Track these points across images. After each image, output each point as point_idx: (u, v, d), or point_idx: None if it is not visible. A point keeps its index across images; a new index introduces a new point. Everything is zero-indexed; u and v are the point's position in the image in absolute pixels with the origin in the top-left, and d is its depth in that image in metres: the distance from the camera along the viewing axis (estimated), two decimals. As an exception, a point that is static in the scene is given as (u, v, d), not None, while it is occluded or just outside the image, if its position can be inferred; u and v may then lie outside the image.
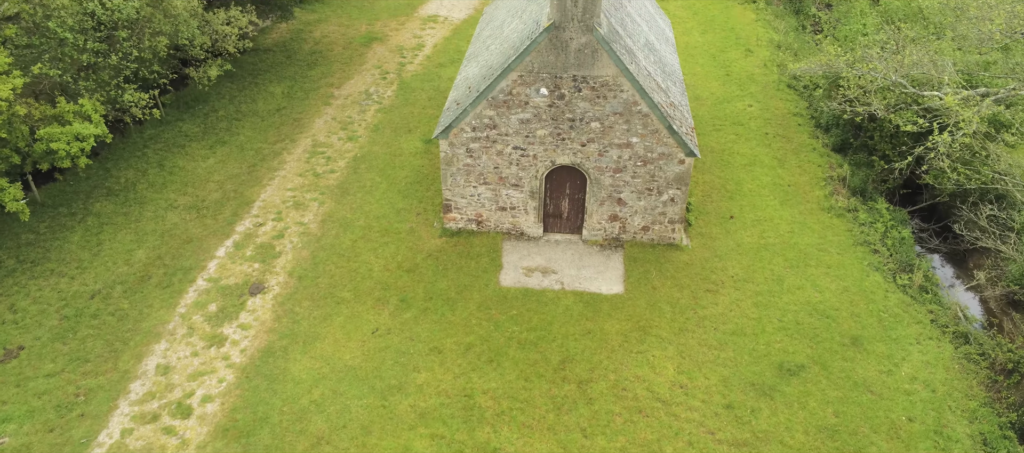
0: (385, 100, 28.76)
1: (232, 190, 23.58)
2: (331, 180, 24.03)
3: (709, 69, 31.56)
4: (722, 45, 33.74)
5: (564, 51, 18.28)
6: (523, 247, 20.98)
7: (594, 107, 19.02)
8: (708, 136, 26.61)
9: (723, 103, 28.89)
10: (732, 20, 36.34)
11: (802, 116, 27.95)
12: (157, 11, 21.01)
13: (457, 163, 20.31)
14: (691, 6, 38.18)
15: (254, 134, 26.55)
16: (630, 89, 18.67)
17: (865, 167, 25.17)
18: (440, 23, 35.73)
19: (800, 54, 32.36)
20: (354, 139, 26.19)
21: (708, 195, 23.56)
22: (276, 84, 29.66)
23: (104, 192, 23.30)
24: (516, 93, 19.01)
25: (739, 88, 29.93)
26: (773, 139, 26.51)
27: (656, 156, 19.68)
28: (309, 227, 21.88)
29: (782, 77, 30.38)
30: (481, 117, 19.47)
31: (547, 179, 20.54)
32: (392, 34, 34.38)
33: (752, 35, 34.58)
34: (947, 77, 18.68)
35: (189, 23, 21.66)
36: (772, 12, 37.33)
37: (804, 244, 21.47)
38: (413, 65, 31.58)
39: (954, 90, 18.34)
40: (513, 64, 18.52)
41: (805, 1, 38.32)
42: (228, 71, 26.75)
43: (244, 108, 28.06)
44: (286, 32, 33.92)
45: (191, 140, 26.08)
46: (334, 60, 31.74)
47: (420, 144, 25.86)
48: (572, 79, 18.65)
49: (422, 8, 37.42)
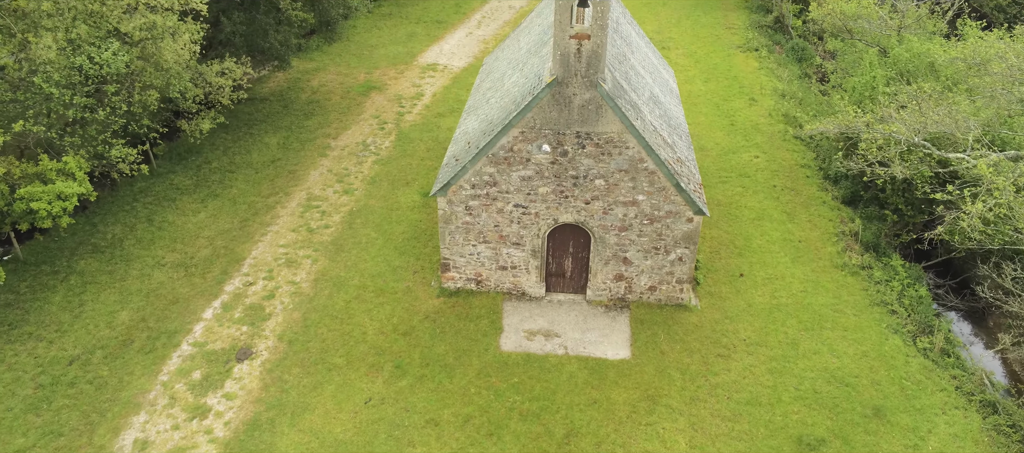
0: (383, 151, 28.11)
1: (223, 246, 22.73)
2: (325, 236, 23.21)
3: (713, 119, 31.01)
4: (725, 94, 33.27)
5: (567, 107, 17.63)
6: (524, 308, 20.06)
7: (598, 164, 18.29)
8: (714, 188, 25.88)
9: (729, 154, 28.24)
10: (734, 68, 35.97)
11: (810, 167, 27.27)
12: (148, 64, 20.44)
13: (456, 221, 19.51)
14: (693, 54, 37.87)
15: (247, 187, 25.82)
16: (636, 146, 17.97)
17: (877, 221, 24.39)
18: (440, 71, 35.34)
19: (805, 103, 31.87)
20: (350, 192, 25.45)
21: (716, 251, 22.71)
22: (272, 134, 29.05)
23: (90, 249, 22.45)
24: (517, 150, 18.30)
25: (744, 138, 29.32)
26: (781, 192, 25.77)
27: (663, 214, 18.89)
28: (301, 286, 20.98)
29: (789, 127, 29.80)
30: (481, 174, 18.73)
31: (549, 237, 19.73)
32: (391, 83, 33.94)
33: (755, 84, 34.15)
34: (972, 137, 17.99)
35: (181, 76, 21.08)
36: (774, 60, 37.00)
37: (818, 304, 20.55)
38: (412, 115, 31.03)
39: (982, 152, 17.59)
40: (514, 120, 17.85)
41: (807, 49, 38.05)
42: (222, 123, 26.12)
43: (238, 159, 27.39)
44: (283, 81, 33.48)
45: (183, 193, 25.33)
46: (331, 110, 31.21)
47: (418, 198, 25.12)
48: (575, 135, 17.96)
49: (422, 56, 37.09)
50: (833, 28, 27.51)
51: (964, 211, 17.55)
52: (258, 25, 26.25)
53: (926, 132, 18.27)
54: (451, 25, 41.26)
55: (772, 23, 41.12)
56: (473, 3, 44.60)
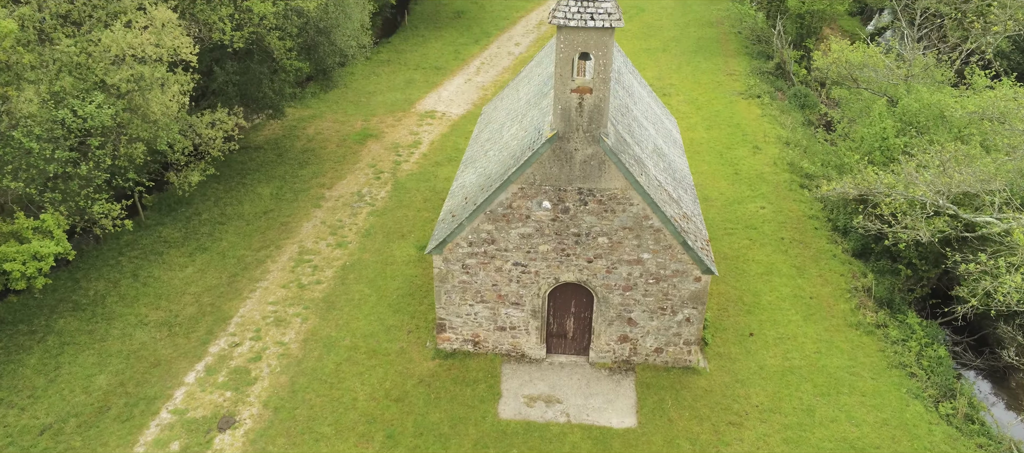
0: (378, 202, 27.34)
1: (209, 304, 21.79)
2: (317, 292, 22.28)
3: (717, 167, 30.33)
4: (729, 142, 32.67)
5: (568, 162, 16.88)
6: (524, 371, 19.04)
7: (601, 221, 17.48)
8: (720, 241, 25.04)
9: (734, 204, 27.48)
10: (737, 116, 35.45)
11: (818, 219, 26.47)
12: (135, 116, 19.77)
13: (452, 280, 18.61)
14: (694, 100, 37.41)
15: (238, 239, 24.98)
16: (640, 202, 17.17)
17: (889, 275, 23.51)
18: (438, 119, 34.81)
19: (810, 151, 31.24)
20: (343, 245, 24.60)
21: (724, 309, 21.77)
22: (265, 184, 28.32)
23: (70, 306, 21.51)
24: (516, 206, 17.50)
25: (749, 188, 28.59)
26: (790, 245, 24.93)
27: (669, 273, 18.01)
28: (289, 348, 19.98)
29: (794, 176, 29.10)
30: (478, 231, 17.90)
31: (550, 297, 18.81)
32: (388, 131, 33.36)
33: (759, 131, 33.58)
34: (999, 200, 17.19)
35: (170, 128, 20.40)
36: (777, 107, 36.51)
37: (833, 367, 19.53)
38: (409, 164, 30.36)
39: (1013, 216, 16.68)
40: (513, 176, 17.09)
41: (810, 96, 37.61)
42: (213, 174, 25.39)
43: (229, 210, 26.60)
44: (278, 129, 32.90)
45: (170, 247, 24.48)
46: (327, 158, 30.54)
47: (414, 251, 24.25)
48: (577, 192, 17.19)
49: (420, 103, 36.61)
50: (838, 77, 27.04)
51: (999, 280, 16.59)
52: (252, 74, 25.71)
53: (950, 193, 17.46)
54: (450, 71, 40.92)
55: (773, 70, 40.80)
56: (472, 49, 44.38)
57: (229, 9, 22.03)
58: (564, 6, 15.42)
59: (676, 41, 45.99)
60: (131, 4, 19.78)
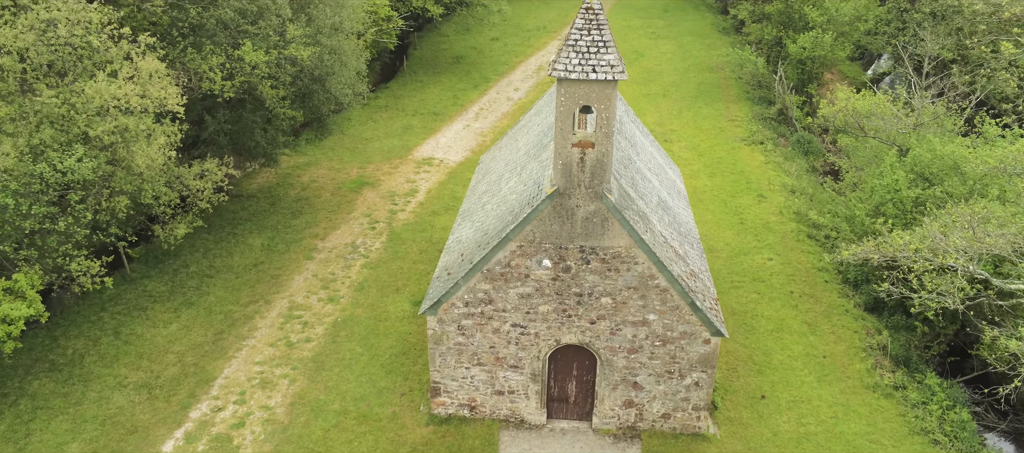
0: (372, 253, 26.46)
1: (193, 363, 20.75)
2: (306, 351, 21.26)
3: (721, 217, 29.53)
4: (732, 190, 31.93)
5: (570, 219, 16.05)
6: (523, 438, 17.93)
7: (605, 281, 16.58)
8: (727, 295, 24.10)
9: (740, 256, 26.60)
10: (740, 162, 34.80)
11: (828, 271, 25.57)
12: (119, 169, 19.01)
13: (447, 342, 17.63)
14: (696, 147, 36.80)
15: (226, 293, 24.03)
16: (646, 261, 16.30)
17: (905, 331, 22.53)
18: (435, 166, 34.13)
19: (816, 200, 30.49)
20: (335, 300, 23.65)
21: (733, 368, 20.73)
22: (256, 235, 27.47)
23: (46, 366, 20.47)
24: (515, 265, 16.62)
25: (755, 239, 27.76)
26: (800, 299, 23.98)
27: (677, 335, 17.05)
28: (275, 412, 18.89)
29: (801, 226, 28.29)
30: (475, 291, 16.98)
31: (551, 359, 17.81)
32: (384, 178, 32.65)
33: (763, 179, 32.88)
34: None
35: (155, 181, 19.63)
36: (781, 153, 35.90)
37: (851, 434, 18.43)
38: (405, 213, 29.56)
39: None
40: (512, 234, 16.25)
41: (813, 142, 37.05)
42: (201, 227, 24.55)
43: (218, 263, 25.70)
44: (272, 177, 32.18)
45: (155, 301, 23.52)
46: (321, 207, 29.75)
47: (409, 306, 23.29)
48: (579, 250, 16.32)
49: (417, 150, 35.98)
50: (844, 125, 26.48)
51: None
52: (244, 123, 25.09)
53: (980, 258, 16.54)
54: (448, 117, 40.42)
55: (776, 115, 40.32)
56: (471, 95, 43.98)
57: (220, 58, 21.47)
58: (564, 58, 14.76)
59: (676, 86, 45.65)
60: (118, 54, 19.18)
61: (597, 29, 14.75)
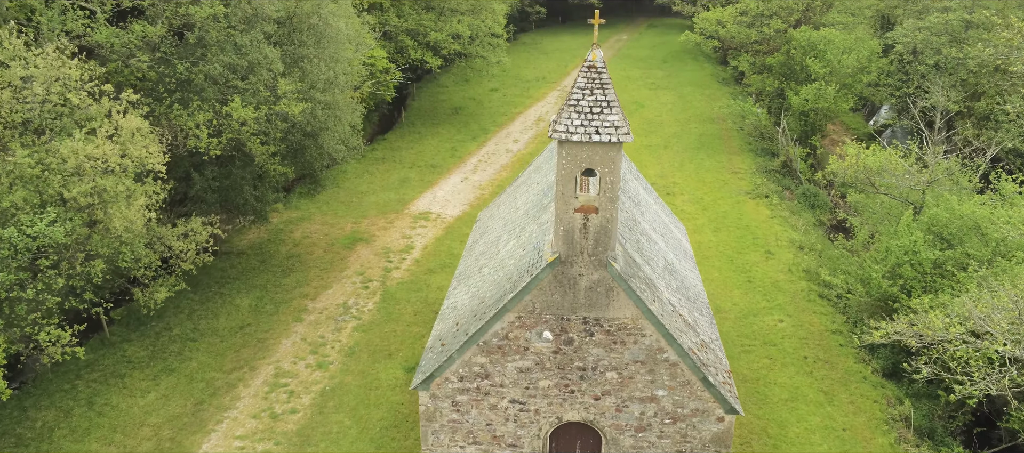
0: (365, 315, 25.29)
1: (169, 438, 19.41)
2: (290, 423, 19.94)
3: (728, 275, 28.45)
4: (738, 246, 30.93)
5: (572, 289, 14.98)
6: (523, 524, 16.50)
7: (610, 354, 15.42)
8: (737, 360, 22.87)
9: (749, 317, 25.44)
10: (745, 217, 33.87)
11: (842, 334, 24.38)
12: (95, 231, 18.00)
13: (441, 419, 16.37)
14: (699, 200, 35.94)
15: (209, 359, 22.79)
16: (654, 333, 15.18)
17: (927, 399, 21.26)
18: (432, 221, 33.18)
19: (825, 257, 29.45)
20: (324, 366, 22.40)
21: (747, 442, 19.40)
22: (244, 295, 26.32)
23: (12, 442, 19.13)
24: (514, 337, 15.48)
25: (765, 298, 26.63)
26: (814, 365, 22.74)
27: (688, 412, 15.81)
28: (255, 495, 17.51)
29: (811, 284, 27.19)
30: (470, 365, 15.81)
31: (552, 438, 16.52)
32: (379, 234, 31.66)
33: (770, 234, 31.90)
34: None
35: (134, 244, 18.59)
36: (787, 207, 35.00)
37: (878, 518, 17.04)
38: (400, 271, 28.48)
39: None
40: (510, 304, 15.15)
41: (819, 195, 36.21)
42: (183, 290, 23.44)
43: (203, 325, 24.51)
44: (264, 232, 31.17)
45: (134, 368, 22.28)
46: (313, 265, 28.68)
47: (401, 373, 22.04)
48: (582, 322, 15.21)
49: (413, 204, 35.08)
50: (855, 180, 25.68)
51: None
52: (233, 180, 24.19)
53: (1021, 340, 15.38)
54: (446, 170, 39.66)
55: (779, 167, 39.59)
56: (469, 146, 43.33)
57: (207, 114, 20.67)
58: (565, 119, 13.89)
59: (677, 138, 45.06)
60: (99, 111, 18.37)
61: (600, 88, 13.92)
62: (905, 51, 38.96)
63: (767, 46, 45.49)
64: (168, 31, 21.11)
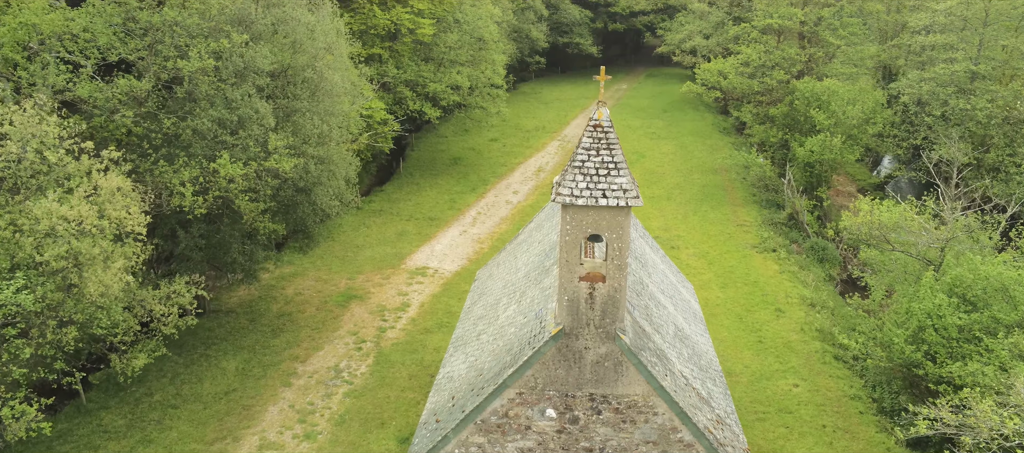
0: (357, 379, 24.01)
1: (142, 519, 17.99)
2: (274, 502, 18.54)
3: (738, 334, 27.25)
4: (747, 303, 29.78)
5: (578, 363, 13.83)
6: None
7: (619, 434, 14.18)
8: (752, 429, 21.54)
9: (761, 381, 24.17)
10: (753, 272, 32.80)
11: (861, 400, 23.09)
12: (69, 297, 16.91)
13: (434, 503, 15.01)
14: (705, 254, 34.92)
15: (190, 429, 21.44)
16: (667, 411, 13.97)
17: (956, 473, 19.81)
18: (429, 276, 32.08)
19: (838, 315, 28.30)
20: (312, 437, 21.04)
21: (766, 523, 17.98)
22: (230, 357, 25.07)
23: (-28, 523, 17.72)
24: (514, 415, 14.26)
25: (777, 360, 25.38)
26: (834, 434, 21.40)
27: (705, 497, 14.47)
28: None
29: (826, 345, 25.96)
30: (467, 446, 14.54)
31: (557, 525, 15.14)
32: (374, 291, 30.52)
33: (780, 291, 30.78)
34: None
35: (111, 309, 17.48)
36: (795, 262, 33.96)
37: None
38: (395, 330, 27.27)
39: None
40: (509, 380, 13.98)
41: (828, 249, 35.19)
42: (174, 342, 22.23)
43: (186, 390, 23.21)
44: (254, 289, 30.03)
45: (110, 438, 20.91)
46: (304, 325, 27.48)
47: (394, 445, 20.69)
48: (589, 398, 14.02)
49: (410, 258, 34.04)
50: (869, 236, 24.76)
51: None
52: (221, 238, 23.19)
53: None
54: (444, 222, 38.73)
55: (786, 220, 38.68)
56: (468, 198, 42.51)
57: (194, 171, 19.78)
58: (570, 181, 12.95)
59: (680, 188, 44.30)
60: (78, 169, 17.46)
61: (607, 149, 13.01)
62: (911, 102, 38.43)
63: (770, 97, 45.08)
64: (156, 85, 20.37)
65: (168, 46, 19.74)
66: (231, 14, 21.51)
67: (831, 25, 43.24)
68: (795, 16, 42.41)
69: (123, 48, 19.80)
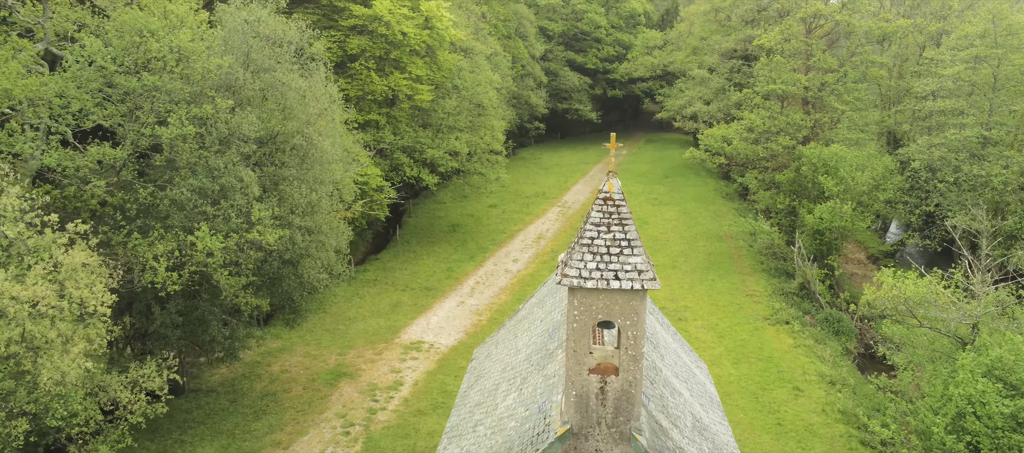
0: (343, 469, 22.05)
1: None
2: None
3: (754, 416, 25.35)
4: (763, 380, 27.96)
5: (587, 468, 12.10)
6: None
7: (636, 550, 12.32)
8: (777, 527, 19.50)
9: (784, 469, 22.21)
10: (767, 346, 31.05)
11: (894, 492, 21.11)
12: (20, 385, 15.23)
13: None
14: (714, 326, 33.22)
15: (157, 528, 19.42)
16: (690, 523, 12.17)
17: None
18: (424, 352, 30.31)
19: (860, 395, 26.45)
20: (291, 538, 19.01)
21: None
22: (207, 443, 23.14)
23: None
24: (515, 528, 12.45)
25: (799, 446, 23.44)
26: (868, 534, 19.37)
27: None
28: None
29: (850, 428, 24.05)
30: None
31: None
32: (365, 367, 28.71)
33: (796, 367, 28.99)
34: None
35: (69, 398, 15.78)
36: (810, 335, 32.25)
37: None
38: (386, 412, 25.37)
39: None
40: (510, 487, 12.23)
41: (844, 321, 33.54)
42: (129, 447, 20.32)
43: (156, 482, 21.26)
44: (239, 366, 28.23)
45: (66, 539, 18.86)
46: (289, 406, 25.59)
47: (381, 547, 18.63)
48: (600, 509, 12.23)
49: (405, 332, 32.32)
50: (894, 311, 23.24)
51: None
52: (200, 314, 21.61)
53: None
54: (441, 293, 37.14)
55: (797, 290, 37.10)
56: (466, 266, 41.02)
57: (169, 244, 18.36)
58: (577, 261, 11.50)
59: (685, 256, 42.88)
60: (41, 244, 16.02)
61: (619, 224, 11.62)
62: (921, 168, 37.41)
63: (775, 162, 44.16)
64: (133, 153, 19.15)
65: (147, 112, 18.61)
66: (217, 80, 20.49)
67: (835, 90, 42.65)
68: (798, 82, 41.86)
69: (99, 114, 18.66)
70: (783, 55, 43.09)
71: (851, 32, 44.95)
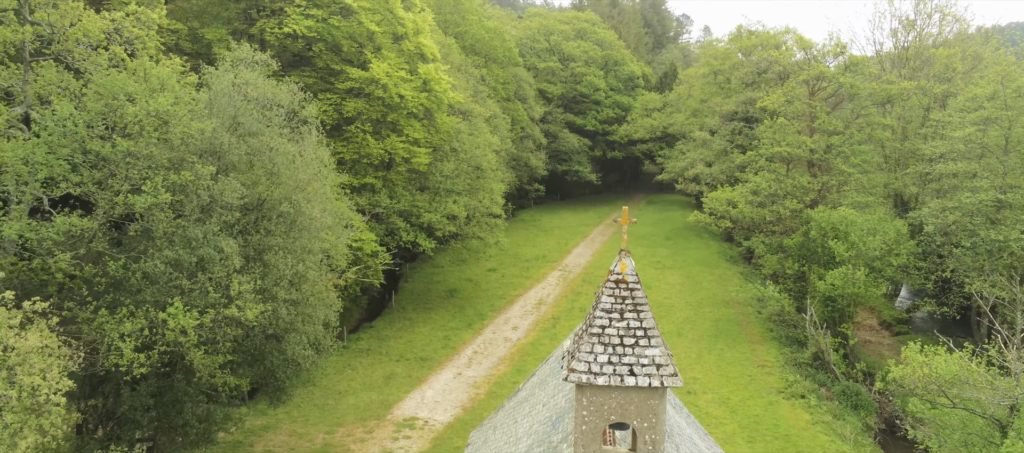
0: None
1: None
2: None
3: (775, 503, 23.39)
4: (781, 462, 26.06)
5: None
6: None
7: None
8: None
9: None
10: (782, 423, 29.19)
11: None
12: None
13: None
14: (726, 401, 31.40)
15: None
16: None
17: None
18: (418, 430, 28.42)
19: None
20: None
21: None
22: (178, 537, 21.17)
23: None
24: None
25: (826, 539, 21.45)
26: None
27: None
28: None
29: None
30: None
31: None
32: (355, 448, 26.81)
33: (814, 447, 27.10)
34: None
35: (15, 497, 14.04)
36: (828, 409, 30.42)
37: None
38: (375, 500, 23.43)
39: None
40: None
41: (862, 394, 31.74)
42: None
43: None
44: (219, 449, 26.29)
45: None
46: (270, 493, 23.67)
47: None
48: None
49: (398, 407, 30.47)
50: (924, 390, 21.63)
51: None
52: (174, 395, 19.95)
53: None
54: (437, 363, 35.38)
55: (810, 360, 35.38)
56: (464, 335, 39.34)
57: (139, 322, 16.87)
58: (586, 355, 10.06)
59: (691, 323, 41.24)
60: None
61: (633, 311, 10.22)
62: (935, 232, 36.18)
63: (782, 226, 42.95)
64: (105, 223, 17.85)
65: (120, 179, 17.39)
66: (199, 145, 19.37)
67: (842, 152, 41.79)
68: (804, 144, 41.02)
69: (71, 181, 17.44)
70: (787, 117, 42.39)
71: (855, 94, 44.40)
